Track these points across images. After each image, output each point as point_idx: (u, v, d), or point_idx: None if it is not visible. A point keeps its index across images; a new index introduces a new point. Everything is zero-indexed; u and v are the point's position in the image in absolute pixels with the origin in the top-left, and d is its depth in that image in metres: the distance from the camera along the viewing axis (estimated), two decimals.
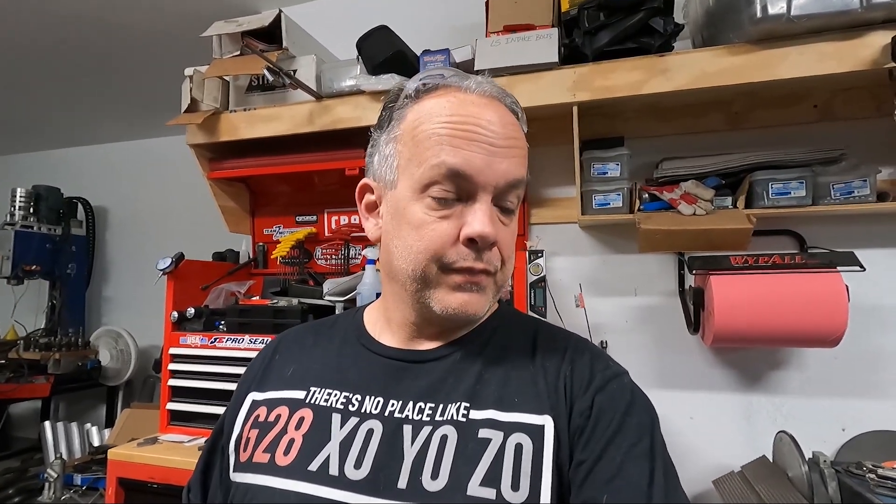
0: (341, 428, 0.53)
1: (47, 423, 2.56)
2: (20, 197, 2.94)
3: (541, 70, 1.33)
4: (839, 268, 1.20)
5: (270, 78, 1.39)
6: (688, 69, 1.23)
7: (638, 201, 1.38)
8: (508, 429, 0.50)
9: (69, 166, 3.44)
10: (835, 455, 1.33)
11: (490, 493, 0.47)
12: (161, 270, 1.49)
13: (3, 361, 2.71)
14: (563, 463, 0.49)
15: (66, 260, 3.08)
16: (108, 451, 1.41)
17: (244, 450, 0.57)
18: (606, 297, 1.55)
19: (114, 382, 2.95)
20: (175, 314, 1.50)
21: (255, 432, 0.57)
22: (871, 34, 1.10)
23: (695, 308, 1.38)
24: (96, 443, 2.45)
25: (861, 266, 1.19)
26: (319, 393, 0.57)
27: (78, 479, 2.06)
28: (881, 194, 1.24)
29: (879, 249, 1.34)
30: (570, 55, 1.34)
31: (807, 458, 1.15)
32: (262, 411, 0.59)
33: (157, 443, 1.42)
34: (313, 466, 0.51)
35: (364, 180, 0.61)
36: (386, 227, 0.57)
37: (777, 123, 1.42)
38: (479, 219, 0.51)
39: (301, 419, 0.55)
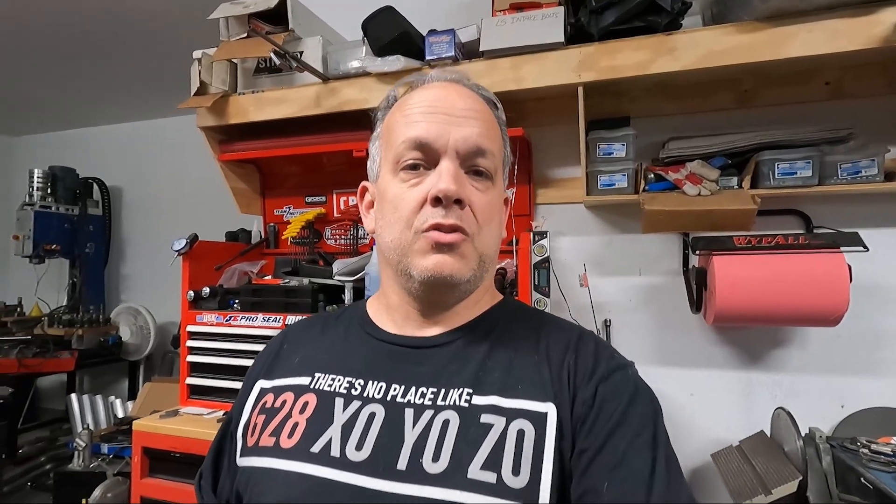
0: (344, 411, 0.55)
1: (73, 396, 2.68)
2: (38, 178, 3.01)
3: (546, 50, 1.32)
4: (842, 248, 1.21)
5: (277, 61, 1.40)
6: (695, 48, 1.22)
7: (643, 182, 1.38)
8: (511, 415, 0.51)
9: (83, 146, 3.50)
10: (832, 431, 1.36)
11: (491, 477, 0.47)
12: (176, 251, 1.54)
13: (29, 337, 2.83)
14: (564, 451, 0.49)
15: (84, 239, 3.17)
16: (133, 422, 1.49)
17: (251, 435, 0.59)
18: (611, 276, 1.57)
19: (134, 357, 3.06)
20: (191, 293, 1.55)
21: (261, 418, 0.59)
22: (883, 10, 1.08)
23: (697, 288, 1.40)
24: (120, 414, 2.57)
25: (864, 246, 1.20)
26: (324, 379, 0.59)
27: (105, 448, 2.17)
28: (889, 174, 1.22)
29: (887, 229, 1.34)
30: (576, 35, 1.33)
31: (803, 434, 1.19)
32: (270, 398, 0.60)
33: (178, 415, 1.49)
34: (315, 448, 0.52)
35: (363, 183, 0.67)
36: (377, 216, 0.61)
37: (787, 101, 1.40)
38: (442, 178, 0.54)
39: (305, 403, 0.57)
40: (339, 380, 0.58)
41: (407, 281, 0.57)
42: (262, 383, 0.63)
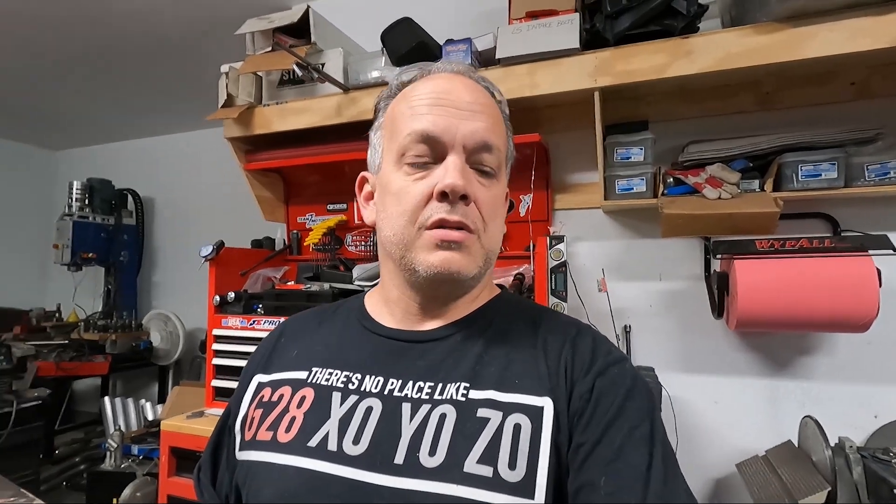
0: (341, 405, 0.55)
1: (107, 399, 2.78)
2: (76, 189, 3.15)
3: (561, 56, 1.33)
4: (870, 252, 1.17)
5: (299, 73, 1.45)
6: (712, 50, 1.21)
7: (662, 186, 1.37)
8: (507, 409, 0.51)
9: (119, 160, 3.65)
10: (865, 442, 1.31)
11: (487, 471, 0.47)
12: (203, 257, 1.59)
13: (67, 341, 2.95)
14: (561, 445, 0.49)
15: (118, 248, 3.29)
16: (161, 422, 1.54)
17: (249, 429, 0.59)
18: (630, 281, 1.55)
19: (164, 362, 3.15)
20: (217, 298, 1.60)
21: (259, 412, 0.59)
22: None
23: (719, 292, 1.37)
24: (150, 417, 2.65)
25: (894, 249, 1.16)
26: (321, 373, 0.59)
27: (135, 449, 2.24)
28: None
29: None
30: (592, 40, 1.34)
31: (832, 444, 1.15)
32: (267, 392, 0.60)
33: (203, 416, 1.53)
34: (312, 442, 0.52)
35: (362, 174, 0.66)
36: (378, 208, 0.61)
37: (811, 103, 1.38)
38: (449, 173, 0.53)
39: (303, 398, 0.57)
40: (337, 374, 0.58)
41: (411, 275, 0.57)
42: (259, 377, 0.64)
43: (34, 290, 3.80)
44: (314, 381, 0.58)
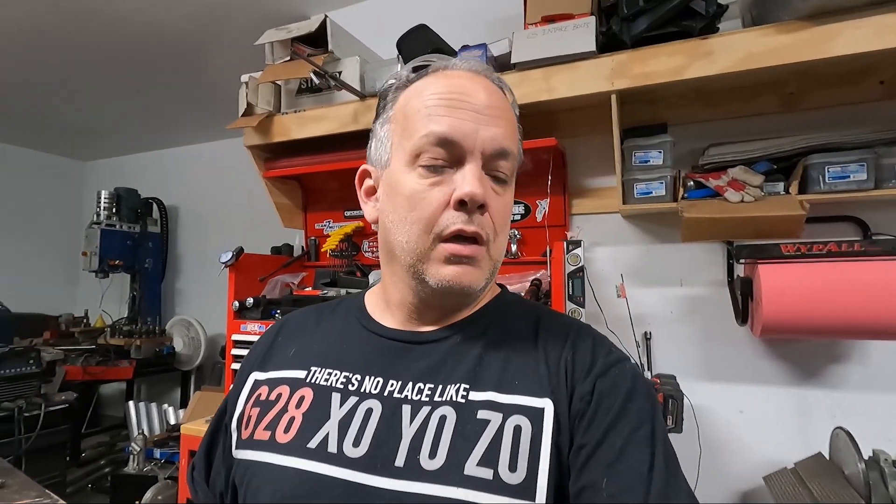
0: (341, 407, 0.54)
1: (131, 403, 2.84)
2: (104, 198, 3.25)
3: (578, 60, 1.32)
4: None
5: (317, 81, 1.47)
6: (733, 51, 1.19)
7: (682, 189, 1.34)
8: (508, 411, 0.50)
9: (145, 169, 3.76)
10: None
11: (487, 473, 0.47)
12: (223, 263, 1.62)
13: (94, 346, 3.02)
14: (562, 446, 0.49)
15: (144, 255, 3.38)
16: (182, 426, 1.56)
17: (245, 427, 0.58)
18: (650, 287, 1.52)
19: (186, 367, 3.21)
20: (236, 303, 1.62)
21: (256, 410, 0.58)
22: None
23: (743, 298, 1.33)
24: (172, 421, 2.69)
25: None
26: (320, 373, 0.58)
27: (157, 453, 2.28)
28: None
29: None
30: (609, 43, 1.33)
31: (866, 457, 1.10)
32: (264, 390, 0.59)
33: None
34: (312, 444, 0.52)
35: (363, 166, 0.63)
36: (382, 207, 0.58)
37: (837, 103, 1.34)
38: (468, 181, 0.51)
39: (301, 398, 0.56)
40: (336, 374, 0.57)
41: (419, 284, 0.56)
42: (256, 375, 0.62)
43: (64, 296, 3.93)
44: (313, 380, 0.57)
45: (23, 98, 2.90)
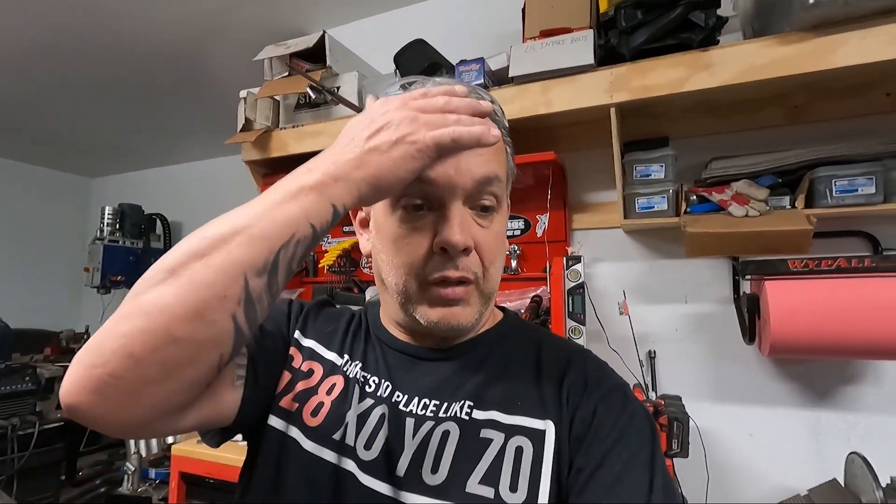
0: (359, 403, 0.55)
1: None
2: (108, 214, 3.26)
3: (576, 73, 1.30)
4: None
5: (314, 96, 1.46)
6: (734, 63, 1.17)
7: (685, 203, 1.31)
8: (510, 431, 0.51)
9: (149, 186, 3.79)
10: None
11: (488, 492, 0.48)
12: None
13: None
14: (562, 469, 0.49)
15: (146, 271, 3.38)
16: (172, 446, 1.52)
17: (279, 386, 0.58)
18: (654, 304, 1.48)
19: None
20: None
21: (287, 375, 0.58)
22: None
23: (750, 316, 1.29)
24: (169, 440, 2.65)
25: None
26: (350, 364, 0.59)
27: (152, 472, 2.24)
28: None
29: None
30: (607, 56, 1.31)
31: (884, 484, 1.04)
32: (298, 357, 0.60)
33: None
34: (337, 435, 0.53)
35: None
36: (374, 242, 0.58)
37: (844, 115, 1.31)
38: (448, 227, 0.50)
39: (333, 385, 0.57)
40: (359, 369, 0.58)
41: (412, 322, 0.56)
42: (297, 336, 0.62)
43: (67, 312, 3.92)
44: (346, 370, 0.59)
45: (28, 114, 2.94)
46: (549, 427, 0.51)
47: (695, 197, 1.31)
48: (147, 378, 0.40)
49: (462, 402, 0.53)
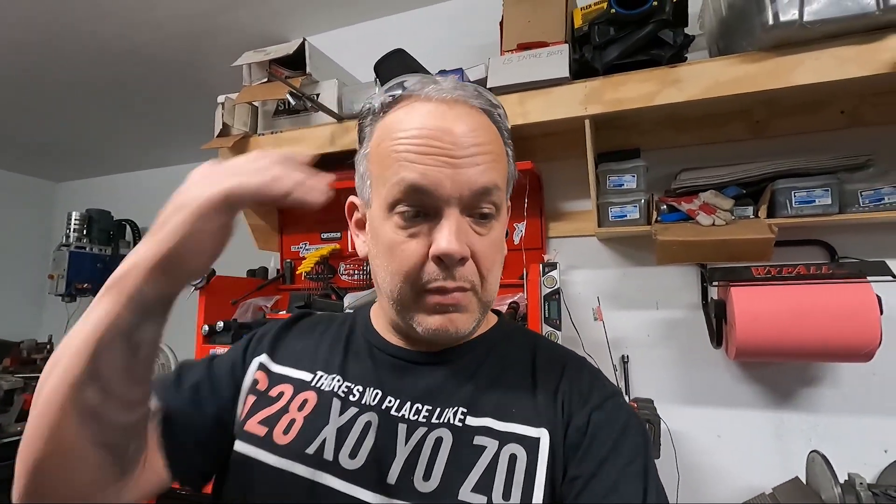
0: (340, 415, 0.54)
1: None
2: (74, 220, 3.15)
3: (552, 85, 1.35)
4: (869, 278, 1.15)
5: (293, 102, 1.47)
6: (700, 79, 1.23)
7: (656, 213, 1.36)
8: (504, 438, 0.51)
9: (119, 191, 3.68)
10: (877, 478, 1.25)
11: (481, 500, 0.47)
12: (193, 286, 1.57)
13: None
14: (556, 477, 0.49)
15: None
16: None
17: (241, 409, 0.58)
18: (627, 310, 1.52)
19: None
20: (206, 327, 1.57)
21: (252, 399, 0.58)
22: (891, 37, 1.07)
23: (717, 321, 1.34)
24: None
25: (893, 275, 1.14)
26: (325, 378, 0.58)
27: None
28: None
29: None
30: (581, 70, 1.35)
31: (842, 480, 1.09)
32: (264, 381, 0.59)
33: None
34: (310, 450, 0.52)
35: (351, 198, 0.62)
36: (370, 245, 0.57)
37: (802, 131, 1.38)
38: (444, 236, 0.49)
39: (304, 401, 0.56)
40: (339, 381, 0.57)
41: (409, 329, 0.55)
42: (263, 359, 0.62)
43: (30, 321, 3.76)
44: (318, 385, 0.58)
45: None
46: (543, 435, 0.51)
47: (665, 206, 1.36)
48: (57, 479, 0.44)
49: (455, 408, 0.53)
